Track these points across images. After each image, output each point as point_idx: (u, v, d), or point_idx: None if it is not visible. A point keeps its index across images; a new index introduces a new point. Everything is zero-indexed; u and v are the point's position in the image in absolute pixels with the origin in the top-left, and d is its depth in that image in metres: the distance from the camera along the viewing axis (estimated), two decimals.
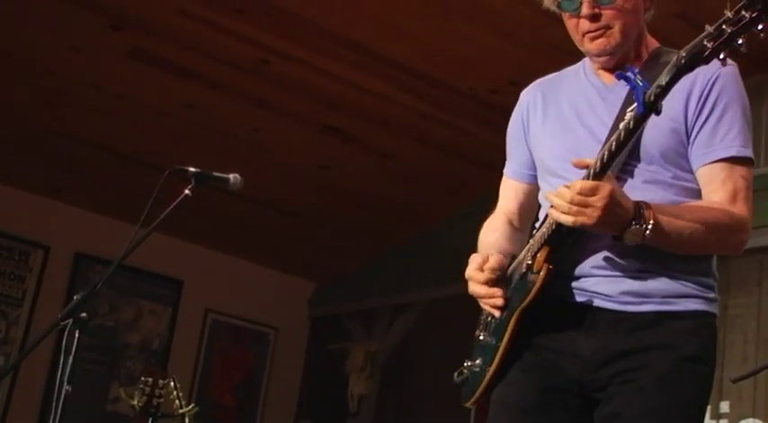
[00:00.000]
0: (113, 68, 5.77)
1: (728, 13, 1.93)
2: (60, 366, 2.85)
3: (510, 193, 2.60)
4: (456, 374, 2.50)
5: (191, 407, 4.44)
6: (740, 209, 2.24)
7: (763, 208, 5.40)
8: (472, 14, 5.17)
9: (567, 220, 2.11)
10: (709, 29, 1.95)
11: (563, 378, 2.27)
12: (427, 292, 7.00)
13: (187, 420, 4.42)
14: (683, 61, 1.99)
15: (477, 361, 2.41)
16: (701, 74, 2.21)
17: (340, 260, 7.65)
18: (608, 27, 2.33)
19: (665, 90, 2.03)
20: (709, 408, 5.33)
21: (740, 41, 1.92)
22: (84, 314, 2.89)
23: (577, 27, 2.37)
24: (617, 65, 2.37)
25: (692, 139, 2.28)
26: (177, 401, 4.41)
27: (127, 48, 5.57)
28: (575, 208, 2.09)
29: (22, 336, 6.90)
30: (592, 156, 2.19)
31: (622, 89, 2.28)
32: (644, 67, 2.33)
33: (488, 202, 2.77)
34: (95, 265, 7.06)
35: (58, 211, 7.09)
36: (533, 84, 2.61)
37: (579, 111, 2.41)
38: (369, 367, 7.35)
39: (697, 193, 2.28)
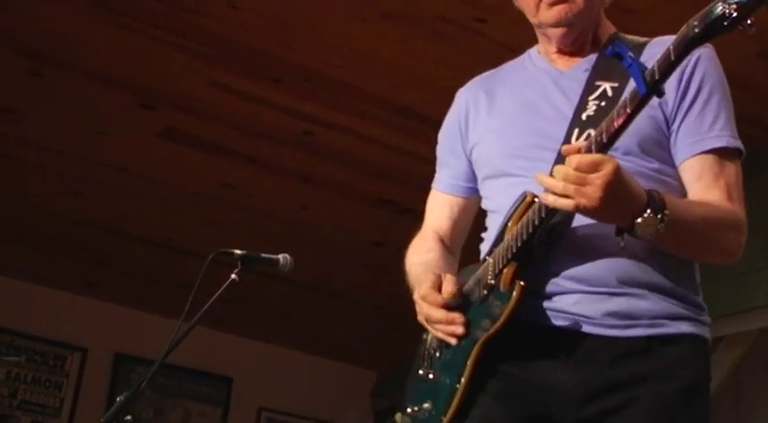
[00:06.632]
0: (143, 150, 5.58)
1: None
2: None
3: (442, 208, 2.26)
4: None
5: None
6: (738, 208, 1.95)
7: None
8: None
9: (565, 203, 1.75)
10: None
11: (542, 412, 1.94)
12: None
13: None
14: (696, 30, 1.62)
15: (426, 405, 2.08)
16: None
17: (402, 345, 7.51)
18: None
19: (672, 67, 1.67)
20: None
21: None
22: (128, 417, 2.85)
23: None
24: (572, 49, 2.09)
25: (675, 127, 1.99)
26: None
27: (158, 128, 5.37)
28: (572, 187, 1.73)
29: None
30: (548, 153, 1.95)
31: (580, 74, 2.03)
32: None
33: None
34: (137, 366, 6.79)
35: (94, 308, 6.88)
36: (471, 82, 2.28)
37: (531, 104, 2.10)
38: None
39: (678, 191, 1.95)
